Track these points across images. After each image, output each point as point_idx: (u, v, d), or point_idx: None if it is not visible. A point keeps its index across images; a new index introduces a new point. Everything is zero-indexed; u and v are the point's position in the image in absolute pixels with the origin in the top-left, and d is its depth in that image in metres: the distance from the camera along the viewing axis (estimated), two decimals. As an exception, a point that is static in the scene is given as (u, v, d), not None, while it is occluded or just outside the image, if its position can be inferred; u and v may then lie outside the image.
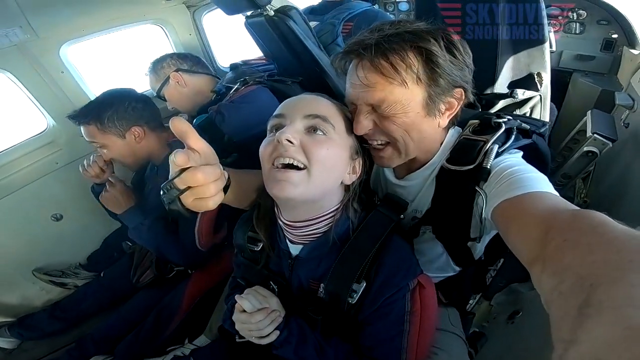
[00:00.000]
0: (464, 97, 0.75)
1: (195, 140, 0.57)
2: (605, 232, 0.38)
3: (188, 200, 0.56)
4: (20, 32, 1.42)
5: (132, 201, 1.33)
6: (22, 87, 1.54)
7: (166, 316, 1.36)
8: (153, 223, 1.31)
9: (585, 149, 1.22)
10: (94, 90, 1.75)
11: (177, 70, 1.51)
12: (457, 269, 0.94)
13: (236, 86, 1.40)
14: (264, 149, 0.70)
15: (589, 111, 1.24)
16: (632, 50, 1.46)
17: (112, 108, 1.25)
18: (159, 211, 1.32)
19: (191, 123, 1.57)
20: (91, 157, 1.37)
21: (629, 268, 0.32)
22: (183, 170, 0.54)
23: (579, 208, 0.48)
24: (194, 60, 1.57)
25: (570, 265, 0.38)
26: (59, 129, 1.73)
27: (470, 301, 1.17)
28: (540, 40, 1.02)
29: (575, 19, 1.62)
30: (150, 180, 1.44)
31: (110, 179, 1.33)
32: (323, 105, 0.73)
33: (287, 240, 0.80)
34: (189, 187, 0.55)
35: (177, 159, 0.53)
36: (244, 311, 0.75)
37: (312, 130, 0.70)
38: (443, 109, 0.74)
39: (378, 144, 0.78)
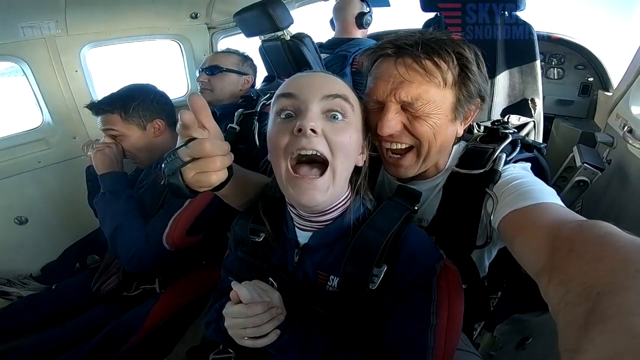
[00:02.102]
0: (479, 107, 0.79)
1: (208, 119, 0.57)
2: (611, 242, 0.39)
3: (190, 174, 0.54)
4: (54, 26, 1.49)
5: (121, 168, 1.30)
6: (33, 79, 1.56)
7: (122, 333, 1.16)
8: (130, 198, 1.23)
9: (577, 179, 1.28)
10: (99, 94, 1.77)
11: (252, 76, 1.64)
12: (463, 286, 0.89)
13: (266, 96, 1.45)
14: (278, 139, 0.63)
15: (575, 146, 1.33)
16: (606, 93, 1.63)
17: (139, 99, 1.29)
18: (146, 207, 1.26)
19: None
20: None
21: (636, 277, 0.32)
22: (190, 141, 0.53)
23: (585, 219, 0.49)
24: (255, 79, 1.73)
25: (577, 275, 0.38)
26: (53, 128, 1.70)
27: (473, 332, 1.10)
28: (531, 54, 1.13)
29: (555, 64, 1.84)
30: (150, 176, 1.39)
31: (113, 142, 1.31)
32: (339, 83, 0.67)
33: (296, 228, 0.72)
34: (193, 160, 0.54)
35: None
36: (239, 304, 0.62)
37: (330, 114, 0.63)
38: (464, 116, 0.77)
39: (398, 148, 0.76)
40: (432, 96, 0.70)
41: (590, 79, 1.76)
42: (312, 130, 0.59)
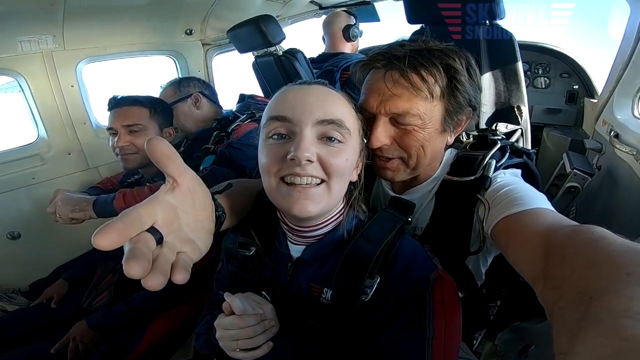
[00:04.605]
0: (471, 116, 0.79)
1: (181, 170, 0.46)
2: (603, 246, 0.39)
3: None
4: (51, 40, 1.52)
5: None
6: (29, 93, 1.57)
7: (118, 352, 1.15)
8: None
9: (568, 185, 1.29)
10: (95, 110, 1.80)
11: (200, 92, 1.59)
12: (460, 294, 0.88)
13: (243, 117, 1.46)
14: (269, 164, 0.60)
15: (564, 153, 1.35)
16: (592, 100, 1.66)
17: (164, 105, 1.44)
18: None
19: (181, 144, 1.62)
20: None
21: (627, 280, 0.33)
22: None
23: (578, 224, 0.50)
24: (213, 90, 1.69)
25: (570, 280, 0.39)
26: (48, 143, 1.71)
27: (474, 342, 1.08)
28: (513, 57, 1.16)
29: (541, 73, 1.88)
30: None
31: None
32: (336, 105, 0.62)
33: (288, 242, 0.71)
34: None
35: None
36: (232, 315, 0.61)
37: (326, 137, 0.60)
38: (455, 126, 0.77)
39: (387, 158, 0.77)
40: (420, 110, 0.70)
41: (576, 87, 1.80)
42: (309, 160, 0.57)
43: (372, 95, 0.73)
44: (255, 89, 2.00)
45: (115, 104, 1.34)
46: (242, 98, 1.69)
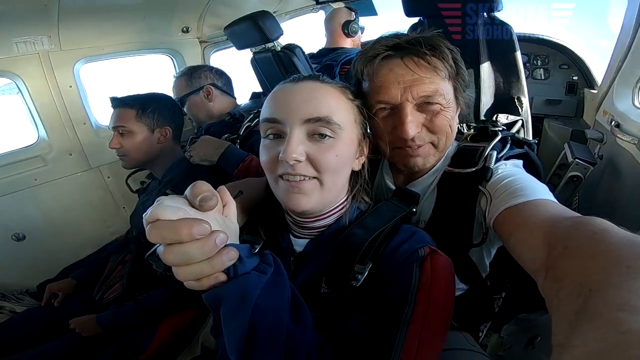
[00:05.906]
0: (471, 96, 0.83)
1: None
2: (604, 239, 0.39)
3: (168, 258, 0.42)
4: (47, 41, 1.52)
5: None
6: (27, 95, 1.57)
7: (127, 355, 1.15)
8: None
9: (570, 174, 1.29)
10: (94, 109, 1.80)
11: (211, 84, 1.57)
12: (464, 286, 0.89)
13: (251, 116, 1.45)
14: (266, 162, 0.63)
15: (566, 143, 1.35)
16: (592, 91, 1.65)
17: (157, 103, 1.36)
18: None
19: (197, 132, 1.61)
20: None
21: (627, 273, 0.32)
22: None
23: (580, 215, 0.50)
24: (227, 80, 1.66)
25: (570, 272, 0.39)
26: (49, 144, 1.71)
27: (480, 334, 1.08)
28: (512, 51, 1.16)
29: (540, 65, 1.88)
30: (153, 194, 1.41)
31: None
32: (323, 100, 0.62)
33: (291, 237, 0.72)
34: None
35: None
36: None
37: (315, 135, 0.61)
38: (460, 106, 0.79)
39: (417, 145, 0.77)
40: (444, 89, 0.72)
41: (575, 78, 1.81)
42: (296, 160, 0.59)
43: (392, 85, 0.71)
44: (254, 85, 1.99)
45: (113, 102, 1.34)
46: (257, 96, 1.70)
